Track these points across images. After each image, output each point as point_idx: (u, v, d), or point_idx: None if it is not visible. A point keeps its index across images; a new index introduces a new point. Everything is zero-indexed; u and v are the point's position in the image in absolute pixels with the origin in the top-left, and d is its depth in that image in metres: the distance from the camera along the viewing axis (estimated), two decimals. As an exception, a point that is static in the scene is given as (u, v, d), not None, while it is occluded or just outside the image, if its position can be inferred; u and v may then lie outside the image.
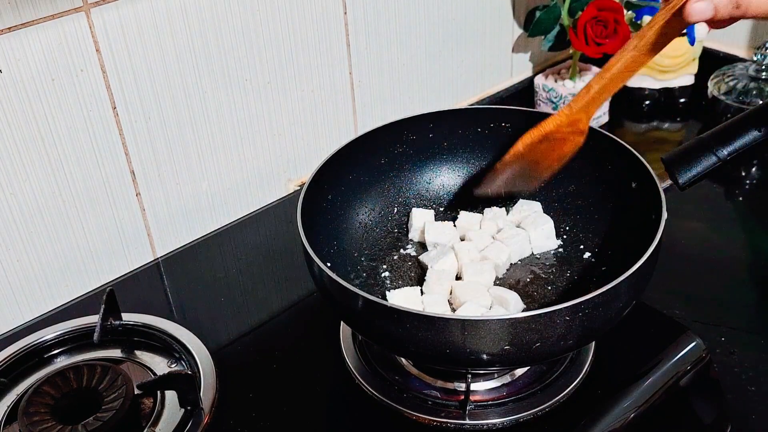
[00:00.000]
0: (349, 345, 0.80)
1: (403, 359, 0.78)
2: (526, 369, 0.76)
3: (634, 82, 1.28)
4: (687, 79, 1.29)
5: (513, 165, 0.81)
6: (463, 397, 0.73)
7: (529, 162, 0.81)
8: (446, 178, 0.92)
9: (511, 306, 0.75)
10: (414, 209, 0.89)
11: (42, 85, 0.81)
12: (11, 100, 0.79)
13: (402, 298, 0.77)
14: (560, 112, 0.76)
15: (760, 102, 1.19)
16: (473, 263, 0.81)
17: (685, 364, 0.78)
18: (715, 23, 0.65)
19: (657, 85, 1.29)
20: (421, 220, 0.88)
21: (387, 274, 0.84)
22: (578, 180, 0.87)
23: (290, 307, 0.91)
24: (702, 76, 1.27)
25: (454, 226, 0.87)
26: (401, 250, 0.87)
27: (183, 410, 0.74)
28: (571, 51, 1.25)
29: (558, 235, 0.86)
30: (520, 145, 0.79)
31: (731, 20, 0.64)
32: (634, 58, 0.71)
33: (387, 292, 0.79)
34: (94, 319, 0.82)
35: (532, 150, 0.79)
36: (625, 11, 1.15)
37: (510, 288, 0.80)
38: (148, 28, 0.86)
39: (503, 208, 0.89)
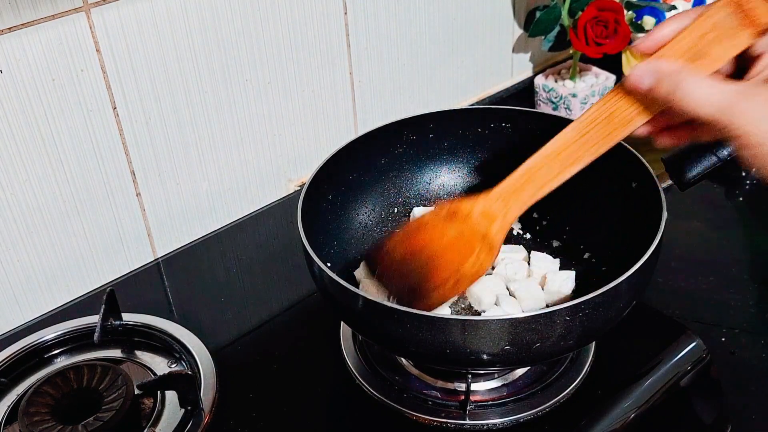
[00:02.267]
0: (349, 345, 0.80)
1: (403, 359, 0.78)
2: (526, 369, 0.76)
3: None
4: (687, 79, 1.29)
5: (412, 244, 0.68)
6: (463, 397, 0.73)
7: (429, 253, 0.67)
8: (446, 178, 0.92)
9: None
10: (415, 209, 0.89)
11: (42, 85, 0.81)
12: (11, 100, 0.79)
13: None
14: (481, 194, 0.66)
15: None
16: None
17: (685, 364, 0.78)
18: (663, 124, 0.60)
19: (657, 85, 1.29)
20: None
21: (387, 274, 0.84)
22: (578, 180, 0.87)
23: (290, 307, 0.91)
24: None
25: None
26: (401, 250, 0.87)
27: (183, 410, 0.74)
28: (571, 51, 1.25)
29: (558, 235, 0.86)
30: (427, 215, 0.69)
31: (673, 116, 0.58)
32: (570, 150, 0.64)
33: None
34: (94, 319, 0.82)
35: (439, 228, 0.67)
36: (625, 11, 1.15)
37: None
38: (148, 28, 0.86)
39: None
